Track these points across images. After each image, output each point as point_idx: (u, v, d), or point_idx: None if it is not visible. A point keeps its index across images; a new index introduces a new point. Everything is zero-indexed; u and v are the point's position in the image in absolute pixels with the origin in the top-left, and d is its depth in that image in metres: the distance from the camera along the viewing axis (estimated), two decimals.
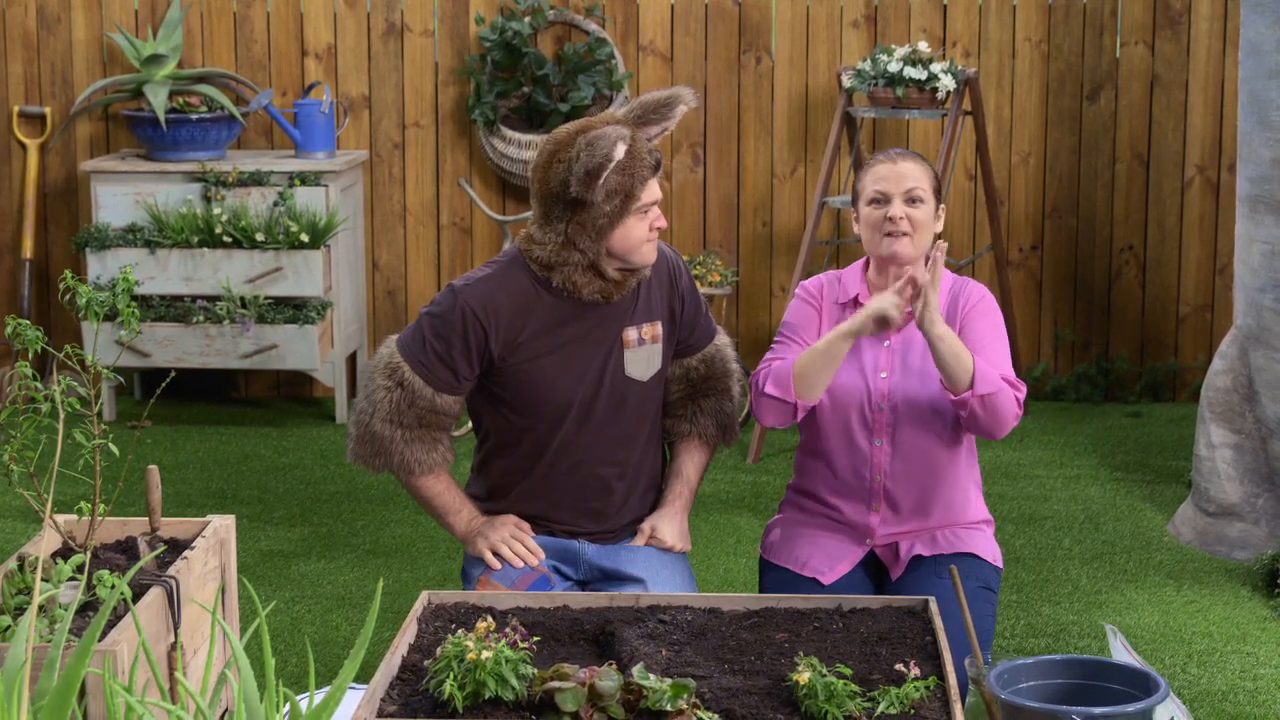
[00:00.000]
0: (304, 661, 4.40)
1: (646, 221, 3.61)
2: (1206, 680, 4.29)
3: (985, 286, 3.80)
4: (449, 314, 3.64)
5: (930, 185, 3.71)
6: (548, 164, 3.59)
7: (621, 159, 3.52)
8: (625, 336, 3.70)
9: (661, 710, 2.72)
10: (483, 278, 3.67)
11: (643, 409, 3.76)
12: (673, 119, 3.66)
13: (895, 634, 3.15)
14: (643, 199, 3.58)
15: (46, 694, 2.68)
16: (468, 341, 3.63)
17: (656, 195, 3.62)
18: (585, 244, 3.58)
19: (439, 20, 7.02)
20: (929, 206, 3.69)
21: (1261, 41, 5.16)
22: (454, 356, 3.64)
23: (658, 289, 3.75)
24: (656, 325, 3.74)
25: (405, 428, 3.67)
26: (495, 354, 3.64)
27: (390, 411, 3.67)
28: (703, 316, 3.86)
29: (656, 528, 3.80)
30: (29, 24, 7.07)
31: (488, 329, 3.62)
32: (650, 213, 3.61)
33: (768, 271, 7.08)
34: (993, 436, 3.61)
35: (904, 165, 3.71)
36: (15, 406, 3.31)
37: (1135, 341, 7.09)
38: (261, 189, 6.61)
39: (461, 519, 3.76)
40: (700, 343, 3.85)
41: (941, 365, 3.55)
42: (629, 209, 3.57)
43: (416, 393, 3.65)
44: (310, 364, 6.57)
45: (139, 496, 5.59)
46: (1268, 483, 5.24)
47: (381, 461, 3.71)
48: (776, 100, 6.98)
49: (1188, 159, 6.95)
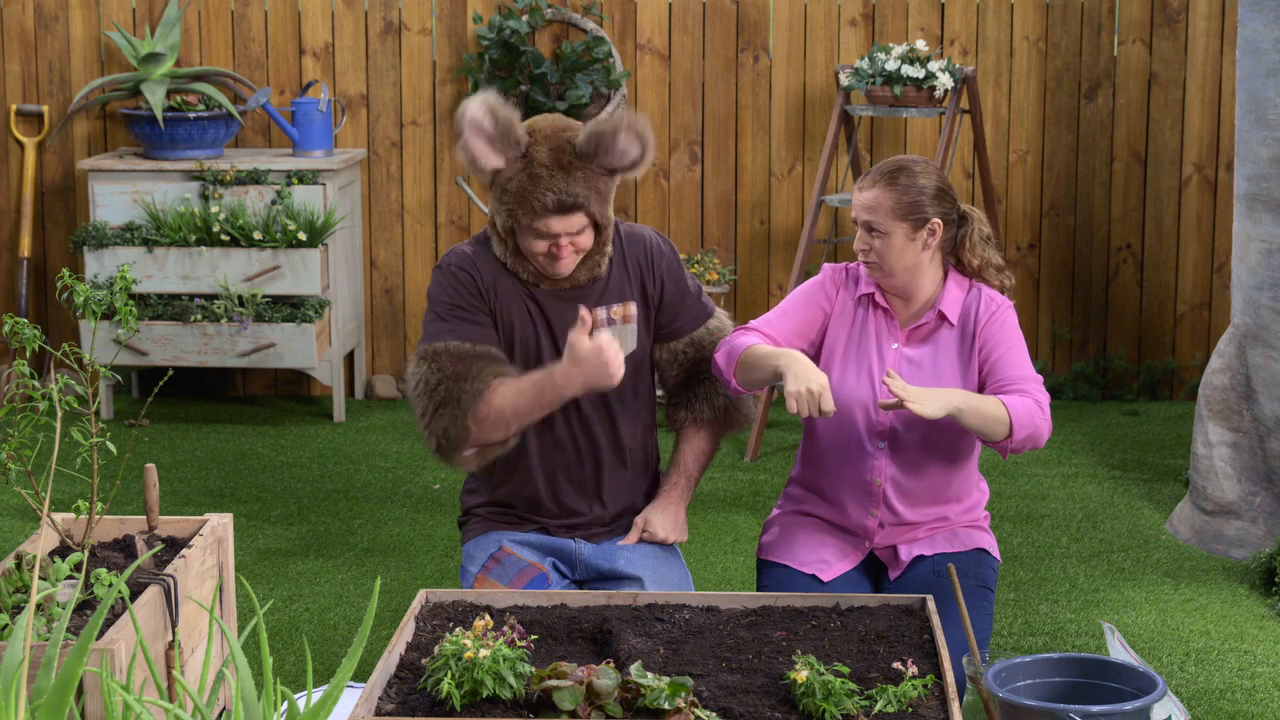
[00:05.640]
0: (301, 660, 4.40)
1: (543, 244, 3.63)
2: (1204, 678, 4.30)
3: (1000, 294, 3.76)
4: (444, 279, 3.72)
5: (894, 213, 3.63)
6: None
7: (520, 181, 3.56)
8: (594, 316, 3.71)
9: (659, 708, 2.72)
10: (458, 247, 3.79)
11: (619, 389, 3.71)
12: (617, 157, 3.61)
13: (893, 632, 3.15)
14: (535, 225, 3.60)
15: (44, 692, 2.68)
16: (470, 290, 3.68)
17: (558, 229, 3.60)
18: (503, 229, 3.67)
19: (437, 19, 7.02)
20: (895, 238, 3.64)
21: (1259, 40, 5.16)
22: (466, 309, 3.67)
23: (631, 270, 3.78)
24: (630, 305, 3.75)
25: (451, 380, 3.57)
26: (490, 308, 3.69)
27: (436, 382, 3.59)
28: (689, 300, 3.84)
29: (649, 521, 3.80)
30: (26, 22, 7.07)
31: (477, 280, 3.69)
32: (547, 238, 3.62)
33: (765, 270, 7.08)
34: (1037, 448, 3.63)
35: (867, 195, 3.66)
36: (13, 405, 3.31)
37: (1133, 340, 7.09)
38: (259, 187, 6.61)
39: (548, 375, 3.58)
40: (688, 326, 3.84)
41: (973, 429, 3.54)
42: (518, 220, 3.61)
43: (451, 352, 3.62)
44: (308, 362, 6.57)
45: (136, 495, 5.59)
46: (1265, 481, 5.24)
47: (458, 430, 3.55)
48: (774, 99, 6.98)
49: (1185, 157, 6.95)
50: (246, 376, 7.23)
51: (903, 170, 3.66)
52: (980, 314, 3.69)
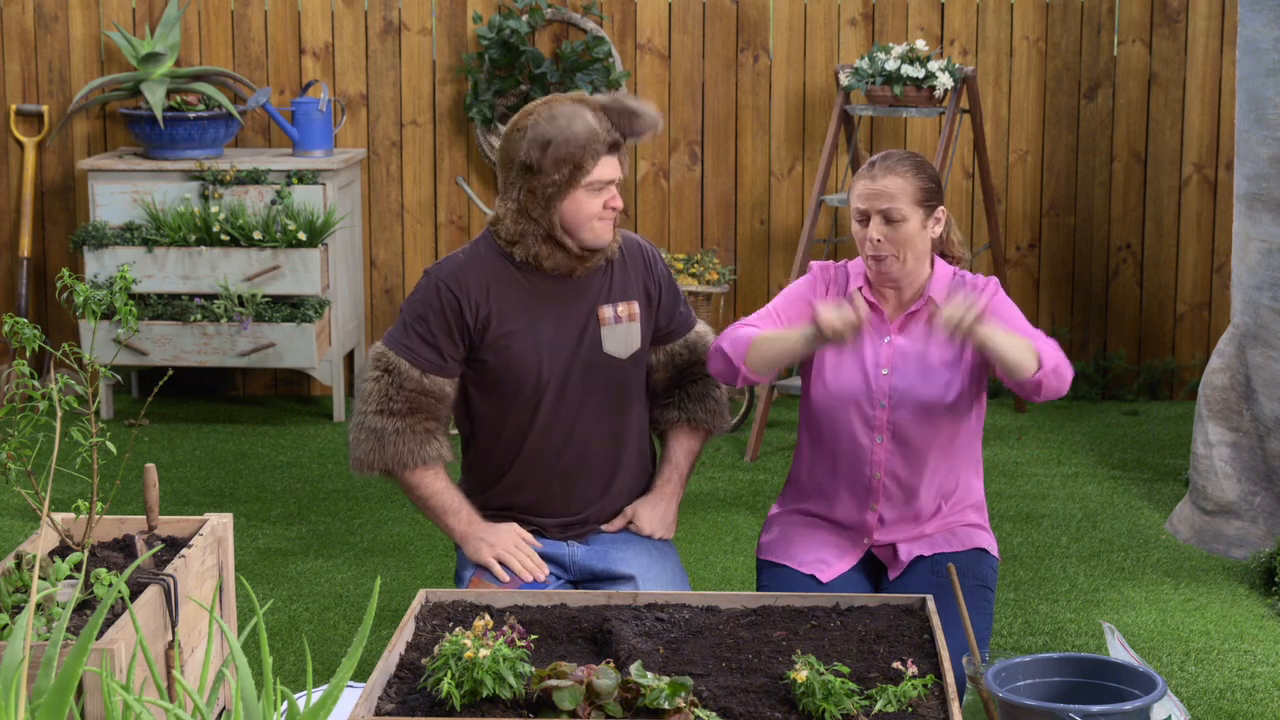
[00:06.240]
0: (301, 660, 4.40)
1: (599, 199, 3.63)
2: (1204, 678, 4.30)
3: (982, 276, 3.77)
4: (424, 293, 3.70)
5: (914, 198, 3.63)
6: (510, 133, 3.67)
7: (577, 130, 3.57)
8: (601, 313, 3.72)
9: (659, 708, 2.72)
10: (453, 256, 3.75)
11: (623, 388, 3.75)
12: (635, 133, 3.66)
13: (893, 632, 3.15)
14: (593, 174, 3.60)
15: (44, 692, 2.68)
16: (445, 317, 3.66)
17: (611, 174, 3.63)
18: (537, 213, 3.63)
19: (436, 18, 7.02)
20: (911, 223, 3.63)
21: (1259, 40, 5.16)
22: (435, 333, 3.66)
23: (633, 270, 3.78)
24: (633, 304, 3.76)
25: (397, 416, 3.67)
26: (472, 327, 3.67)
27: (380, 401, 3.67)
28: (681, 305, 3.88)
29: (638, 514, 3.80)
30: (26, 22, 7.07)
31: (461, 301, 3.66)
32: (604, 191, 3.63)
33: (765, 270, 7.08)
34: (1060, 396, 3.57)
35: (883, 182, 3.63)
36: (13, 405, 3.31)
37: (1133, 340, 7.09)
38: (259, 187, 6.61)
39: (461, 519, 3.74)
40: (681, 330, 3.87)
41: (1006, 365, 3.49)
42: (578, 181, 3.60)
43: (404, 375, 3.66)
44: (308, 362, 6.57)
45: (136, 494, 5.59)
46: (1265, 481, 5.24)
47: (376, 458, 3.68)
48: (774, 98, 6.98)
49: (1185, 157, 6.95)
50: (246, 376, 7.23)
51: (911, 157, 3.70)
52: (969, 293, 3.70)
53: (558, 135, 3.57)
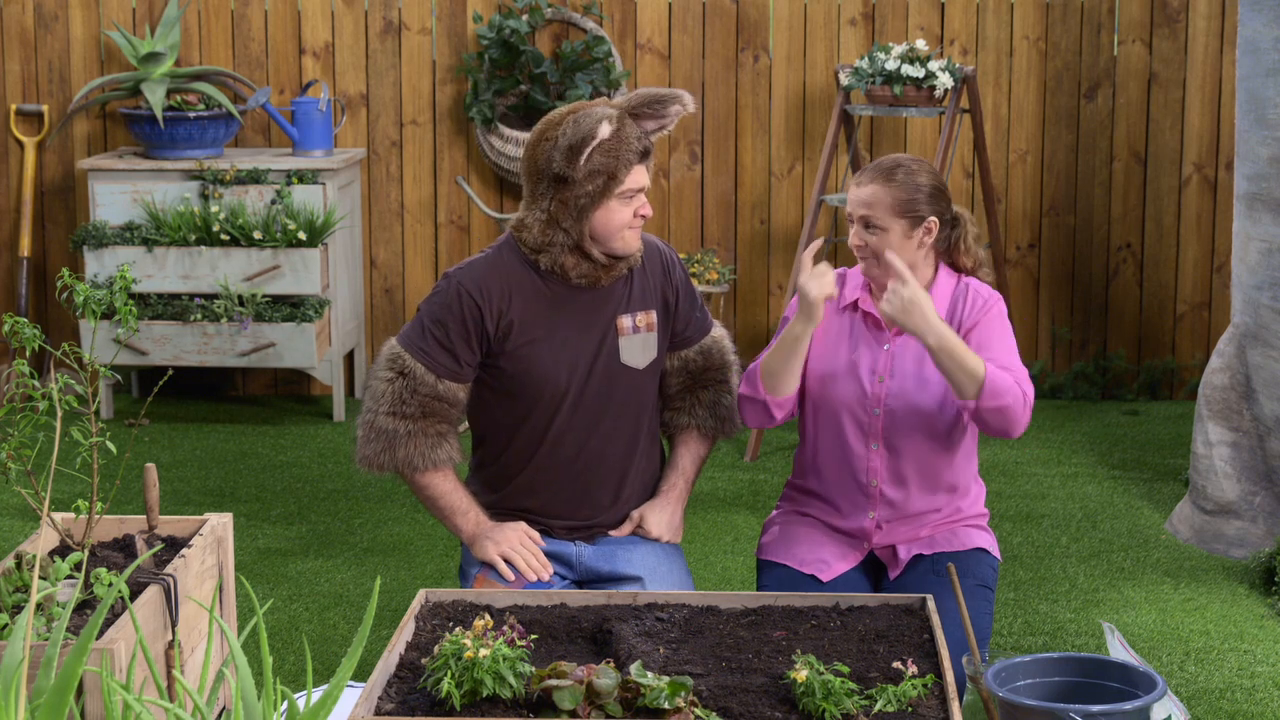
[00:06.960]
0: (301, 659, 4.40)
1: (630, 207, 3.62)
2: (1204, 678, 4.30)
3: (990, 287, 3.76)
4: (444, 297, 3.67)
5: (893, 209, 3.63)
6: (537, 142, 3.64)
7: (607, 139, 3.55)
8: (620, 323, 3.70)
9: (659, 708, 2.72)
10: (475, 261, 3.72)
11: (638, 398, 3.76)
12: (668, 118, 3.65)
13: (893, 632, 3.15)
14: (626, 183, 3.59)
15: (44, 692, 2.68)
16: (465, 323, 3.65)
17: (642, 182, 3.62)
18: (568, 223, 3.61)
19: (436, 18, 7.02)
20: (893, 234, 3.63)
21: (1259, 39, 5.16)
22: (453, 340, 3.65)
23: (651, 278, 3.77)
24: (651, 314, 3.75)
25: (408, 419, 3.66)
26: (491, 335, 3.65)
27: (393, 403, 3.66)
28: (698, 309, 3.87)
29: (645, 518, 3.80)
30: (26, 22, 7.07)
31: (482, 308, 3.65)
32: (635, 199, 3.62)
33: (765, 269, 7.08)
34: (1006, 436, 3.59)
35: (865, 190, 3.65)
36: (13, 405, 3.31)
37: (1133, 339, 7.09)
38: (259, 187, 6.61)
39: (469, 520, 3.74)
40: (696, 335, 3.86)
41: (945, 374, 3.53)
42: (611, 190, 3.58)
43: (418, 380, 3.65)
44: (308, 362, 6.57)
45: (136, 494, 5.59)
46: (1265, 480, 5.24)
47: (387, 459, 3.68)
48: (774, 98, 6.98)
49: (1185, 157, 6.95)
50: (246, 376, 7.23)
51: (900, 167, 3.67)
52: (967, 307, 3.69)
53: (591, 146, 3.55)
